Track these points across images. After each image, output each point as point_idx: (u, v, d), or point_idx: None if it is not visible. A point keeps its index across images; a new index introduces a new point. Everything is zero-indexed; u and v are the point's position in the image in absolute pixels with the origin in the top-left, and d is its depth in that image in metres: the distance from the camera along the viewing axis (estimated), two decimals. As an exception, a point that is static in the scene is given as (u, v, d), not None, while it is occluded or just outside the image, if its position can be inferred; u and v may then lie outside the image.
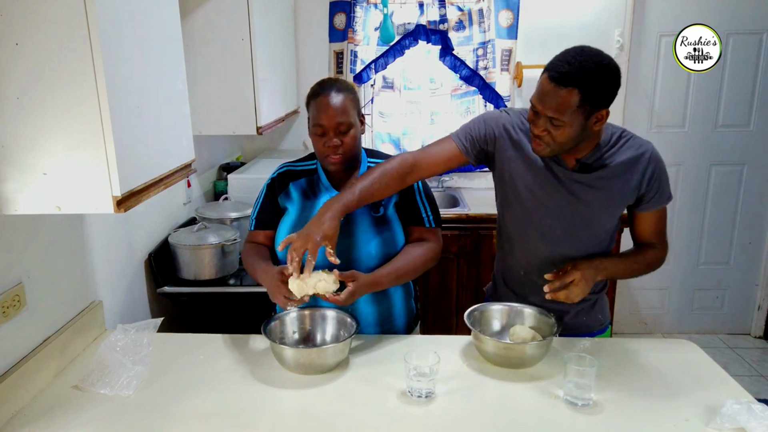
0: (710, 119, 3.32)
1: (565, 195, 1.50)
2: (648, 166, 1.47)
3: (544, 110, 1.34)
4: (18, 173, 1.13)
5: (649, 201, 1.51)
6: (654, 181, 1.48)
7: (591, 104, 1.32)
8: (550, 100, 1.32)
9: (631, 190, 1.49)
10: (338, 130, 1.51)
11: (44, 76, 1.09)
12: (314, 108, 1.54)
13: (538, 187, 1.52)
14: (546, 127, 1.36)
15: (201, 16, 2.27)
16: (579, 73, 1.29)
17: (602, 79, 1.31)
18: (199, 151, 1.65)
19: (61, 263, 1.55)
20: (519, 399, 1.34)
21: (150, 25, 1.30)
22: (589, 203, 1.50)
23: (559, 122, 1.33)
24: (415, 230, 1.64)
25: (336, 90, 1.53)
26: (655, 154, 1.49)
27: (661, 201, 1.51)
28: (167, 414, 1.29)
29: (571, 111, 1.31)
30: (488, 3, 3.06)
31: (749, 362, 3.31)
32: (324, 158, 1.55)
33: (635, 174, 1.47)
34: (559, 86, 1.30)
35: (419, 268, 1.59)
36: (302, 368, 1.42)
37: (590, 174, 1.48)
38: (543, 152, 1.43)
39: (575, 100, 1.30)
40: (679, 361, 1.51)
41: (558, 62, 1.32)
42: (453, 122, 3.30)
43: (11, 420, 1.28)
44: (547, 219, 1.54)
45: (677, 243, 3.50)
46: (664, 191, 1.50)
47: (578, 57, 1.31)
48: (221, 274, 2.15)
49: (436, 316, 2.96)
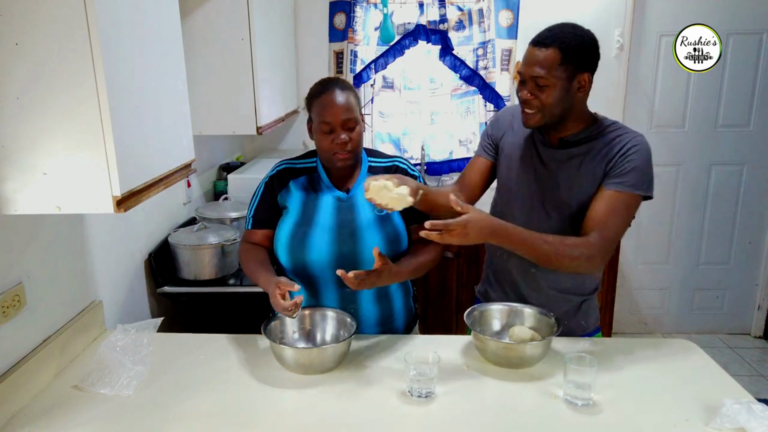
0: (710, 119, 3.32)
1: (544, 172, 1.53)
2: (626, 144, 1.44)
3: (528, 71, 1.42)
4: (18, 173, 1.13)
5: (613, 177, 1.43)
6: (626, 157, 1.42)
7: (572, 63, 1.40)
8: (533, 61, 1.42)
9: (602, 167, 1.46)
10: (346, 126, 1.51)
11: (44, 76, 1.09)
12: (320, 106, 1.52)
13: (522, 165, 1.57)
14: (532, 90, 1.43)
15: (201, 16, 2.27)
16: (558, 34, 1.41)
17: (580, 39, 1.42)
18: (199, 151, 1.65)
19: (61, 263, 1.55)
20: (519, 399, 1.34)
21: (150, 25, 1.30)
22: (565, 179, 1.50)
23: (544, 81, 1.40)
24: (418, 230, 1.62)
25: (340, 88, 1.53)
26: (640, 140, 1.46)
27: (622, 184, 1.42)
28: (167, 414, 1.29)
29: (554, 69, 1.39)
30: (488, 3, 3.06)
31: (749, 362, 3.31)
32: (332, 155, 1.54)
33: (611, 152, 1.45)
34: (541, 47, 1.41)
35: (430, 265, 1.62)
36: (302, 368, 1.42)
37: (569, 150, 1.50)
38: (533, 120, 1.46)
39: (557, 57, 1.39)
40: (679, 361, 1.51)
41: (540, 33, 1.45)
42: (453, 122, 3.30)
43: (11, 420, 1.28)
44: (529, 197, 1.56)
45: (677, 243, 3.51)
46: (633, 176, 1.41)
47: (557, 26, 1.45)
48: (221, 274, 2.15)
49: (436, 316, 2.96)
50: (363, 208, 1.58)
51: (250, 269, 1.59)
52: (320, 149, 1.57)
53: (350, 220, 1.57)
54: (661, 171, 3.47)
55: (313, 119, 1.55)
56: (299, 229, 1.57)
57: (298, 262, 1.57)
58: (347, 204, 1.59)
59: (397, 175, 1.45)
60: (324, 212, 1.58)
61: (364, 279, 1.42)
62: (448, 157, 3.35)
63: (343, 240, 1.55)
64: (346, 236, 1.55)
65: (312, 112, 1.56)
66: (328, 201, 1.59)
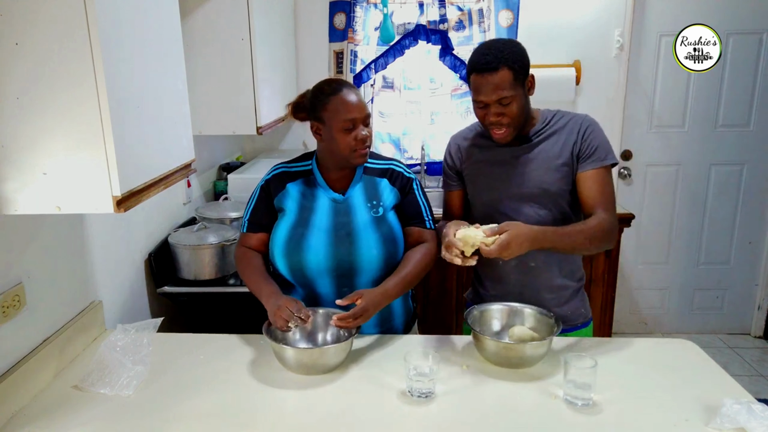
0: (710, 119, 3.32)
1: (511, 168, 1.62)
2: (581, 126, 1.59)
3: (490, 97, 1.49)
4: (18, 173, 1.13)
5: (586, 159, 1.58)
6: (587, 138, 1.58)
7: (520, 72, 1.50)
8: (490, 87, 1.48)
9: (568, 149, 1.58)
10: (365, 122, 1.54)
11: (44, 75, 1.09)
12: (338, 104, 1.50)
13: (490, 171, 1.65)
14: (497, 111, 1.51)
15: (201, 16, 2.27)
16: (497, 54, 1.48)
17: (514, 49, 1.50)
18: (199, 151, 1.65)
19: (61, 263, 1.55)
20: (519, 399, 1.34)
21: (150, 25, 1.30)
22: (531, 168, 1.60)
23: (508, 98, 1.49)
24: (415, 231, 1.64)
25: (349, 87, 1.55)
26: (589, 118, 1.62)
27: (598, 160, 1.57)
28: (167, 414, 1.29)
29: (512, 84, 1.49)
30: (488, 3, 3.06)
31: (749, 362, 3.31)
32: (352, 153, 1.53)
33: (570, 135, 1.59)
34: (491, 72, 1.47)
35: (422, 272, 1.59)
36: (303, 368, 1.42)
37: (529, 143, 1.61)
38: (506, 136, 1.56)
39: (509, 75, 1.48)
40: (679, 361, 1.51)
41: (476, 59, 1.50)
42: (453, 122, 3.30)
43: (11, 420, 1.28)
44: (506, 197, 1.62)
45: (677, 243, 3.51)
46: (600, 151, 1.57)
47: (488, 46, 1.51)
48: (221, 274, 2.15)
49: (436, 316, 2.96)
50: (359, 210, 1.58)
51: (248, 278, 1.59)
52: (339, 148, 1.53)
53: (346, 222, 1.57)
54: (661, 171, 3.50)
55: (328, 119, 1.52)
56: (296, 231, 1.57)
57: (295, 264, 1.57)
58: (343, 206, 1.59)
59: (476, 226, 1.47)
60: (320, 214, 1.58)
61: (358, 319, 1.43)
62: (448, 157, 3.35)
63: (340, 241, 1.55)
64: (342, 238, 1.55)
65: (326, 112, 1.52)
66: (325, 203, 1.59)
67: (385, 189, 1.62)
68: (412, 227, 1.64)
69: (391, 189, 1.63)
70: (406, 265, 1.58)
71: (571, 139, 1.59)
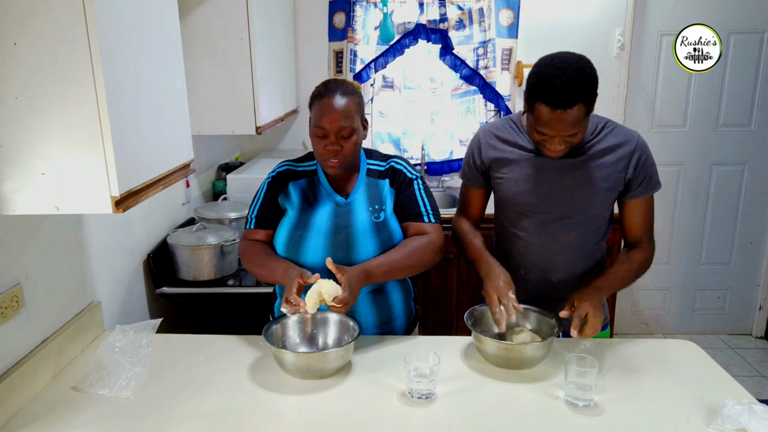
0: (711, 119, 3.31)
1: (551, 182, 1.56)
2: (635, 152, 1.53)
3: (558, 133, 1.41)
4: (16, 173, 1.13)
5: (637, 187, 1.55)
6: (641, 166, 1.54)
7: (592, 102, 1.41)
8: (561, 124, 1.38)
9: (618, 174, 1.54)
10: (340, 134, 1.48)
11: (43, 76, 1.08)
12: (317, 109, 1.50)
13: (525, 179, 1.58)
14: (563, 141, 1.43)
15: (200, 16, 2.26)
16: (576, 88, 1.35)
17: (590, 80, 1.38)
18: (197, 150, 1.64)
19: (59, 264, 1.55)
20: (519, 400, 1.33)
21: (149, 25, 1.30)
22: (575, 187, 1.55)
23: (576, 135, 1.42)
24: (413, 226, 1.59)
25: (341, 93, 1.49)
26: (642, 141, 1.56)
27: (649, 188, 1.56)
28: (166, 415, 1.29)
29: (583, 119, 1.40)
30: (488, 2, 3.06)
31: (750, 362, 3.30)
32: (322, 161, 1.53)
33: (621, 160, 1.53)
34: (566, 109, 1.36)
35: (415, 262, 1.54)
36: (304, 373, 1.40)
37: (574, 158, 1.54)
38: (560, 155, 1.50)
39: (582, 111, 1.38)
40: (680, 361, 1.51)
41: (547, 90, 1.35)
42: (453, 122, 3.30)
43: (9, 421, 1.28)
44: (539, 209, 1.59)
45: (678, 243, 3.50)
46: (652, 178, 1.56)
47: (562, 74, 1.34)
48: (220, 275, 2.14)
49: (436, 317, 2.95)
50: (360, 213, 1.57)
51: (259, 261, 1.56)
52: (314, 152, 1.56)
53: (346, 225, 1.55)
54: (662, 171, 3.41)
55: (311, 120, 1.54)
56: (296, 232, 1.56)
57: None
58: (345, 209, 1.58)
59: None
60: (321, 216, 1.57)
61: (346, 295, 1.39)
62: (448, 157, 3.35)
63: (339, 245, 1.54)
64: (341, 241, 1.54)
65: (311, 112, 1.54)
66: (326, 205, 1.59)
67: (387, 192, 1.61)
68: (410, 222, 1.60)
69: (390, 190, 1.61)
70: (395, 250, 1.54)
71: (622, 164, 1.53)
